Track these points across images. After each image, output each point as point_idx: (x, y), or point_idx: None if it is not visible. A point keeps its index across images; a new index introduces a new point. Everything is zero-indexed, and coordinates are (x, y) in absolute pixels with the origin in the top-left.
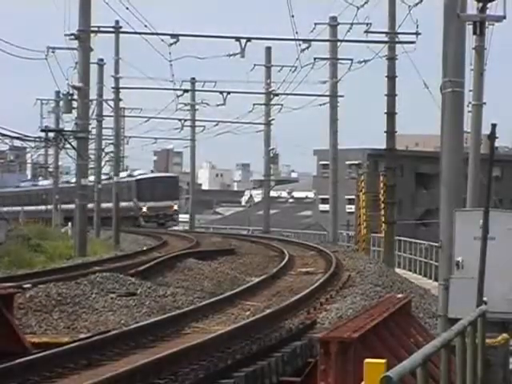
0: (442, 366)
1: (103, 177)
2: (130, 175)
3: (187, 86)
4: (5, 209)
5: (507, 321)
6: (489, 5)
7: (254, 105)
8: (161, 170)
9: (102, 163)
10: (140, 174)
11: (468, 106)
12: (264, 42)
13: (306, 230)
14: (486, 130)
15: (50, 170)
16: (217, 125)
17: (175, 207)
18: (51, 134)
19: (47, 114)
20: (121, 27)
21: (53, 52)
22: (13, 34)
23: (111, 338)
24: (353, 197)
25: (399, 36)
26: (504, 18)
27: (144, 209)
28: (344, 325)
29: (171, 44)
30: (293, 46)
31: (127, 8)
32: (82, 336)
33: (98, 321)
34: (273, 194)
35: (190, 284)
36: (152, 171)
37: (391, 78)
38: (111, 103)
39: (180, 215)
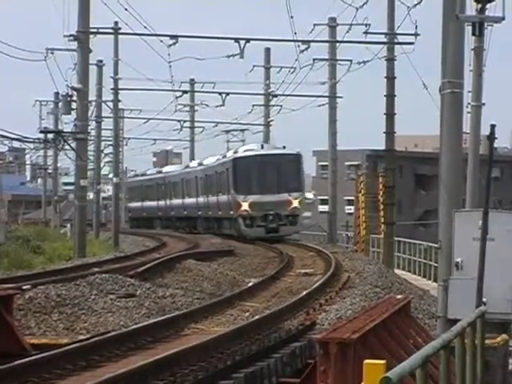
0: (442, 367)
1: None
2: (235, 152)
3: (186, 87)
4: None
5: (507, 321)
6: (488, 6)
7: (253, 106)
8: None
9: (101, 164)
10: (246, 151)
11: (467, 106)
12: (263, 43)
13: (305, 230)
14: (485, 131)
15: (49, 171)
16: (216, 126)
17: (296, 203)
18: (50, 136)
19: (46, 116)
20: (120, 28)
21: (52, 53)
22: (12, 36)
23: (110, 339)
24: (352, 198)
25: (398, 37)
26: (503, 19)
27: (244, 205)
28: (343, 326)
29: (170, 45)
30: (292, 46)
31: (126, 9)
32: (81, 337)
33: (97, 322)
34: None
35: (189, 285)
36: (262, 146)
37: (390, 78)
38: (110, 104)
39: None
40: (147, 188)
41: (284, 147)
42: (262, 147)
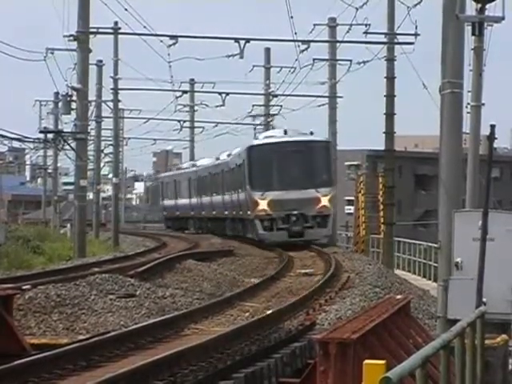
0: (442, 368)
1: (208, 161)
2: (256, 139)
3: (186, 87)
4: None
5: (506, 322)
6: (487, 6)
7: (253, 106)
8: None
9: (101, 164)
10: (267, 137)
11: (467, 106)
12: (263, 42)
13: None
14: (484, 131)
15: (49, 171)
16: (216, 126)
17: (325, 201)
18: (50, 135)
19: (46, 116)
20: (119, 28)
21: (52, 53)
22: (12, 36)
23: (110, 339)
24: (352, 198)
25: (398, 37)
26: (503, 18)
27: (262, 204)
28: (343, 326)
29: (170, 45)
30: (292, 46)
31: (126, 9)
32: (81, 337)
33: (97, 322)
34: None
35: (189, 285)
36: (285, 132)
37: (390, 78)
38: (110, 104)
39: None
40: (180, 184)
41: (312, 133)
42: (286, 133)
